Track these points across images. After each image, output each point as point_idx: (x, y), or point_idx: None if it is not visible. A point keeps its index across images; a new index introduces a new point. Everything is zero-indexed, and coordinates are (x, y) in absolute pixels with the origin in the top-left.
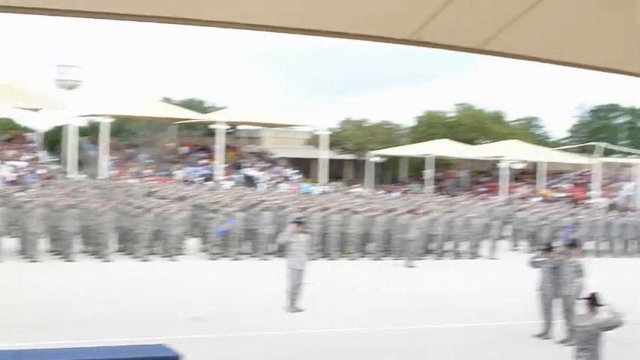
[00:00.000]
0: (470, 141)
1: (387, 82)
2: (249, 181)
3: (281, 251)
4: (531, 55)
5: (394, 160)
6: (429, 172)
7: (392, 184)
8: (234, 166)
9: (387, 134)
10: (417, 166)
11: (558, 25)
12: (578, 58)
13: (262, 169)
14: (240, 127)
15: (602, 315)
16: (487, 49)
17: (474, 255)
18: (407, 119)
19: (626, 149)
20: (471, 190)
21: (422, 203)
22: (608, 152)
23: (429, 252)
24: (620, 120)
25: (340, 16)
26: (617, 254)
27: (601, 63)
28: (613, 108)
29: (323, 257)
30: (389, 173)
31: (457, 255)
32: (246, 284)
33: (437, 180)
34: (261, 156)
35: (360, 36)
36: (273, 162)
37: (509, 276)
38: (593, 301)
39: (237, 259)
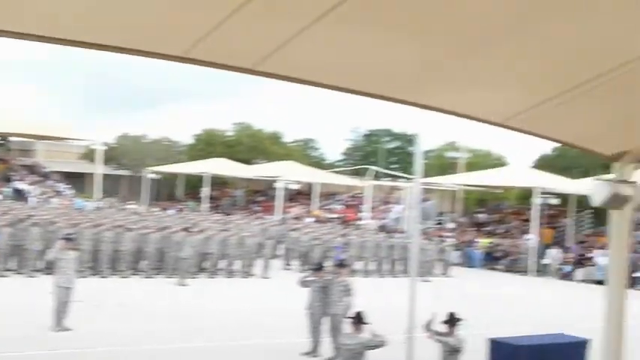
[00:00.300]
0: (248, 160)
1: (167, 99)
2: (19, 195)
3: (49, 268)
4: (302, 77)
5: (171, 178)
6: (205, 191)
7: (168, 201)
8: (4, 179)
9: (165, 151)
10: (194, 184)
11: (328, 50)
12: (348, 83)
13: (33, 183)
14: (11, 139)
15: (366, 334)
16: (259, 70)
17: (246, 274)
18: (186, 137)
19: (396, 173)
20: (247, 209)
21: (197, 221)
22: (379, 175)
23: (202, 270)
24: (392, 145)
25: (114, 29)
26: (384, 274)
27: (370, 89)
28: (385, 133)
29: (94, 275)
30: (166, 190)
31: (230, 273)
32: (12, 302)
33: (213, 198)
34: (32, 169)
35: (134, 51)
36: (46, 176)
37: (280, 295)
38: (358, 319)
39: (2, 276)
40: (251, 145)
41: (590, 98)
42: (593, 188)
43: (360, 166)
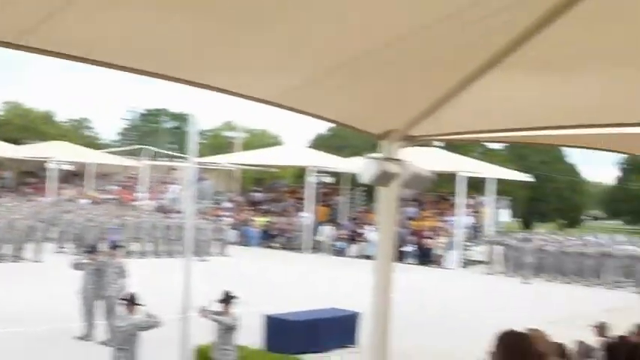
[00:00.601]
0: (18, 140)
1: None
2: None
3: None
4: (70, 53)
5: None
6: None
7: None
8: None
9: None
10: None
11: (98, 24)
12: (120, 60)
13: None
14: None
15: (140, 315)
16: (22, 45)
17: (17, 258)
18: None
19: (173, 153)
20: (18, 191)
21: None
22: (156, 155)
23: None
24: (170, 124)
25: None
26: (161, 255)
27: (143, 66)
28: (162, 112)
29: None
30: None
31: (0, 258)
32: None
33: None
34: None
35: None
36: None
37: (52, 278)
38: (131, 301)
39: None
40: (21, 125)
41: (357, 76)
42: (362, 166)
43: (136, 146)
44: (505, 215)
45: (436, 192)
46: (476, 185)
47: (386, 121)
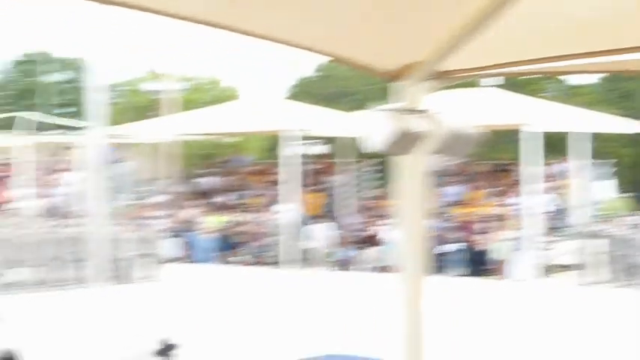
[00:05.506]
0: None
1: None
2: None
3: None
4: None
5: None
6: None
7: None
8: None
9: None
10: None
11: None
12: None
13: None
14: None
15: None
16: None
17: None
18: None
19: (63, 120)
20: None
21: None
22: (40, 127)
23: None
24: (58, 77)
25: None
26: (55, 285)
27: None
28: (43, 58)
29: None
30: None
31: None
32: None
33: None
34: None
35: None
36: None
37: None
38: None
39: None
40: None
41: None
42: (368, 125)
43: (7, 114)
44: (608, 189)
45: (491, 159)
46: (556, 145)
47: (403, 50)
